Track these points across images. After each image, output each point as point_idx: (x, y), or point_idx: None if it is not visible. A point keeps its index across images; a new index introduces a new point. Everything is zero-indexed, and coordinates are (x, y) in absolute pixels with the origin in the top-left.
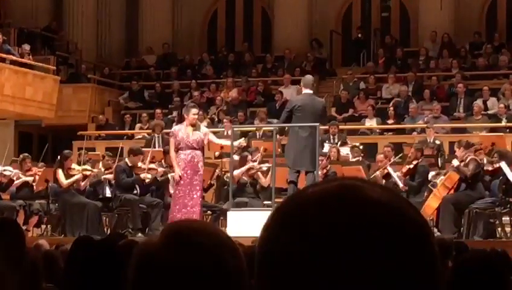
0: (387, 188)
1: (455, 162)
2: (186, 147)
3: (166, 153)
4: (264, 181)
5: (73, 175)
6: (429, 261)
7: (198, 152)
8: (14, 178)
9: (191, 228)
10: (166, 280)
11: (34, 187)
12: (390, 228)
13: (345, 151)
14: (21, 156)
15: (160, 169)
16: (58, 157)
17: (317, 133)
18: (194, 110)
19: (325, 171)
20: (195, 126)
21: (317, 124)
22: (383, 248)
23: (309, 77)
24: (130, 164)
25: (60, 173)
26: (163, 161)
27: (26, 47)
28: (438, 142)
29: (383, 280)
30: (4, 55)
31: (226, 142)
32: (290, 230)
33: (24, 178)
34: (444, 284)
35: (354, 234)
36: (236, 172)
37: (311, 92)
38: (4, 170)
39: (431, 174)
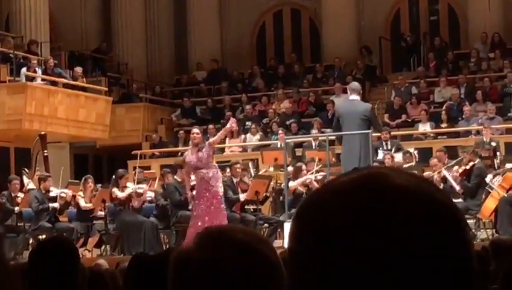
0: (415, 175)
1: (509, 165)
2: (195, 169)
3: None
4: None
5: None
6: (462, 246)
7: (205, 170)
8: (69, 200)
9: (222, 228)
10: (204, 279)
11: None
12: (418, 215)
13: (399, 157)
14: (83, 179)
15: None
16: (113, 176)
17: (364, 138)
18: (192, 130)
19: None
20: (197, 146)
21: (360, 131)
22: (411, 236)
23: (355, 83)
24: (179, 179)
25: (116, 191)
26: None
27: (79, 70)
28: (493, 143)
29: (414, 269)
30: (56, 79)
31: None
32: (311, 227)
33: (84, 204)
34: (477, 271)
35: (378, 223)
36: (292, 184)
37: (357, 98)
38: (61, 193)
39: (489, 176)
